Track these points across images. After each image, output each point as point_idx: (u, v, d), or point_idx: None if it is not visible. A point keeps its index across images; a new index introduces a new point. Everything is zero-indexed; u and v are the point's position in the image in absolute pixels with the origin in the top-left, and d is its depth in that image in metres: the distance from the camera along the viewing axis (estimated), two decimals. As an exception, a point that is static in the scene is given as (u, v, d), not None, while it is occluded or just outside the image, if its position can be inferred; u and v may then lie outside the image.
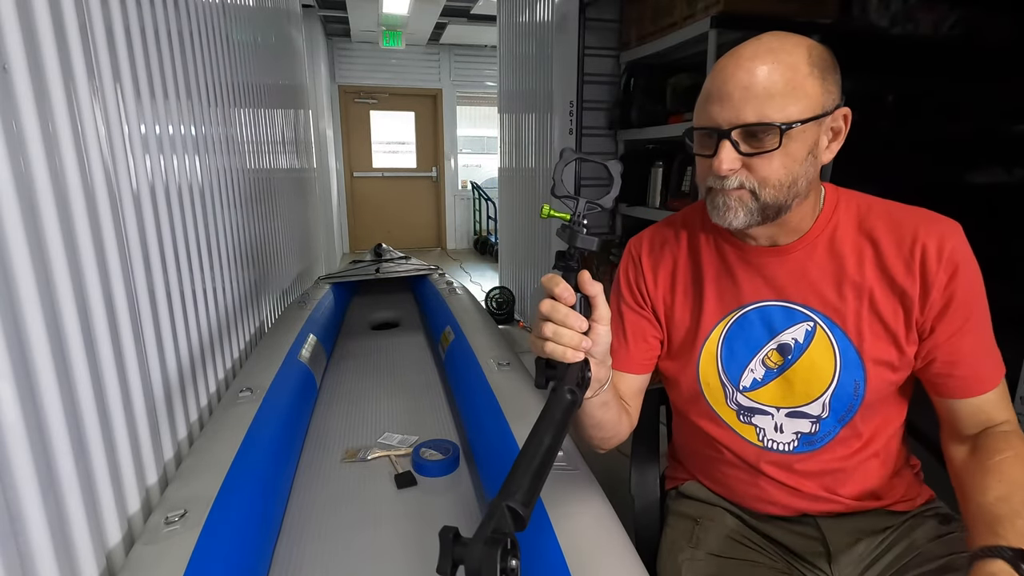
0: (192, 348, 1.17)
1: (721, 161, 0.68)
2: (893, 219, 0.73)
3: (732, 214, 0.71)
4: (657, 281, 0.86)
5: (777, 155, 0.67)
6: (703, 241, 0.83)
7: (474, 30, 5.53)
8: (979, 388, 0.73)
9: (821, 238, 0.75)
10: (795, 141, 0.67)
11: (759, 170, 0.68)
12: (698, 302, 0.83)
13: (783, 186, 0.69)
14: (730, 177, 0.69)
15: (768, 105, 0.65)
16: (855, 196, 0.77)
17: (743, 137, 0.67)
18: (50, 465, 0.67)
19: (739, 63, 0.67)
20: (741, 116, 0.66)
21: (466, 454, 1.17)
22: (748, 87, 0.65)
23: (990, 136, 2.39)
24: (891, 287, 0.72)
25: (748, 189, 0.69)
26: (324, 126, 4.85)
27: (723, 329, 0.81)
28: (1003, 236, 1.74)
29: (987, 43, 2.31)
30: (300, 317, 1.75)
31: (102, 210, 0.83)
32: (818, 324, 0.76)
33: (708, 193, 0.73)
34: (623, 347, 0.86)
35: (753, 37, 0.68)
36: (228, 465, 0.90)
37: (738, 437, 0.82)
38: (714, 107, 0.68)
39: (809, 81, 0.66)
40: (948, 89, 2.40)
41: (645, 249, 0.88)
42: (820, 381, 0.77)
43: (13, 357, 0.61)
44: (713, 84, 0.69)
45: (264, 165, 2.06)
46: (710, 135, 0.69)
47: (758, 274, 0.78)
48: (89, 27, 0.84)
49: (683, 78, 2.46)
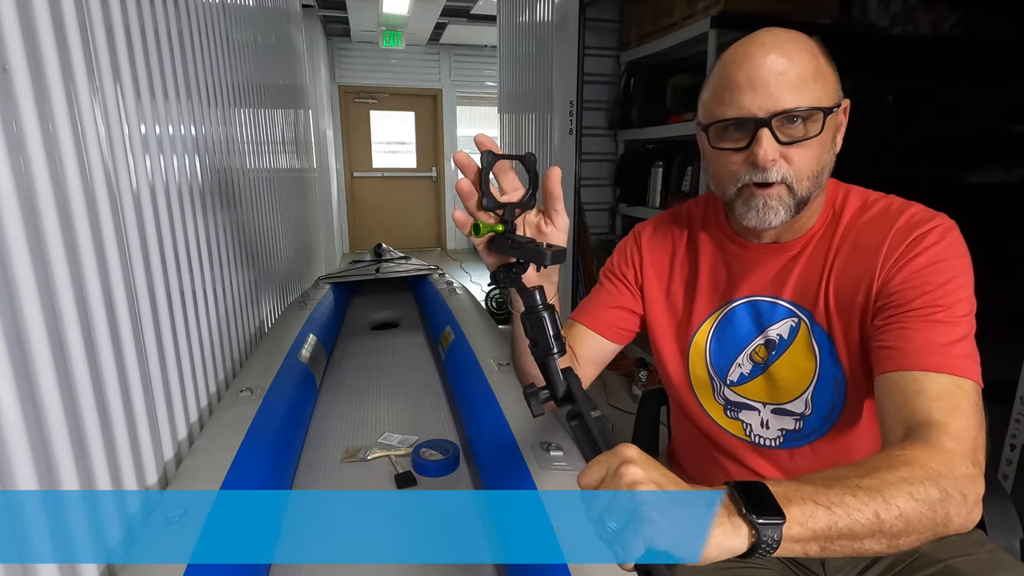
0: (192, 348, 1.17)
1: (765, 151, 0.64)
2: (885, 215, 0.72)
3: (772, 213, 0.67)
4: (654, 264, 0.86)
5: (815, 143, 0.64)
6: (702, 237, 0.83)
7: (474, 30, 5.53)
8: (915, 362, 0.61)
9: (817, 235, 0.75)
10: (827, 129, 0.65)
11: (796, 160, 0.65)
12: (691, 295, 0.83)
13: (815, 176, 0.67)
14: (772, 169, 0.65)
15: (804, 91, 0.63)
16: (857, 193, 0.76)
17: (781, 125, 0.64)
18: (50, 465, 0.67)
19: (765, 50, 0.63)
20: (780, 103, 0.63)
21: (466, 454, 1.17)
22: (783, 72, 0.62)
23: (990, 136, 2.38)
24: (869, 281, 0.70)
25: (786, 184, 0.66)
26: (324, 126, 4.85)
27: (713, 323, 0.81)
28: (1003, 236, 1.73)
29: (987, 43, 2.31)
30: (300, 317, 1.75)
31: (102, 210, 0.83)
32: (802, 321, 0.75)
33: (739, 193, 0.69)
34: (600, 307, 0.87)
35: (757, 31, 0.66)
36: (228, 465, 0.90)
37: (723, 432, 0.83)
38: (745, 96, 0.64)
39: (828, 69, 0.65)
40: (948, 89, 2.40)
41: (648, 232, 0.88)
42: (801, 379, 0.76)
43: (13, 357, 0.61)
44: (737, 73, 0.65)
45: (264, 165, 2.06)
46: (740, 126, 0.66)
47: (752, 270, 0.78)
48: (89, 27, 0.84)
49: (683, 78, 2.46)
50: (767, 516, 0.42)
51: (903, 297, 0.65)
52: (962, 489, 0.52)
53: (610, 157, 2.96)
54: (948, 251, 0.66)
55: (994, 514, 0.80)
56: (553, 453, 0.94)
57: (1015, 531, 0.79)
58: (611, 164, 2.96)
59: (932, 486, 0.51)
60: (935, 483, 0.51)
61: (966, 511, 0.53)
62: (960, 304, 0.63)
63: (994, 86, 2.31)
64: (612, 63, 2.86)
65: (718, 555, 0.41)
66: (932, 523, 0.51)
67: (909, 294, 0.65)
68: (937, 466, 0.52)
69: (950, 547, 0.75)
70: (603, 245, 3.05)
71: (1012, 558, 0.73)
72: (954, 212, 0.71)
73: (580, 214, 2.95)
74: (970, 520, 0.53)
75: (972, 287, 0.66)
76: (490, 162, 0.54)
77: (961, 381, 0.59)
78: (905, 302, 0.65)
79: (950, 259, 0.65)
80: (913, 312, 0.64)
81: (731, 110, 0.65)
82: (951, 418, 0.56)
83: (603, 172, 2.97)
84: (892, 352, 0.63)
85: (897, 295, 0.66)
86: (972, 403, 0.58)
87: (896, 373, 0.62)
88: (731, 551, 0.42)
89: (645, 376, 2.55)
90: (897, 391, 0.61)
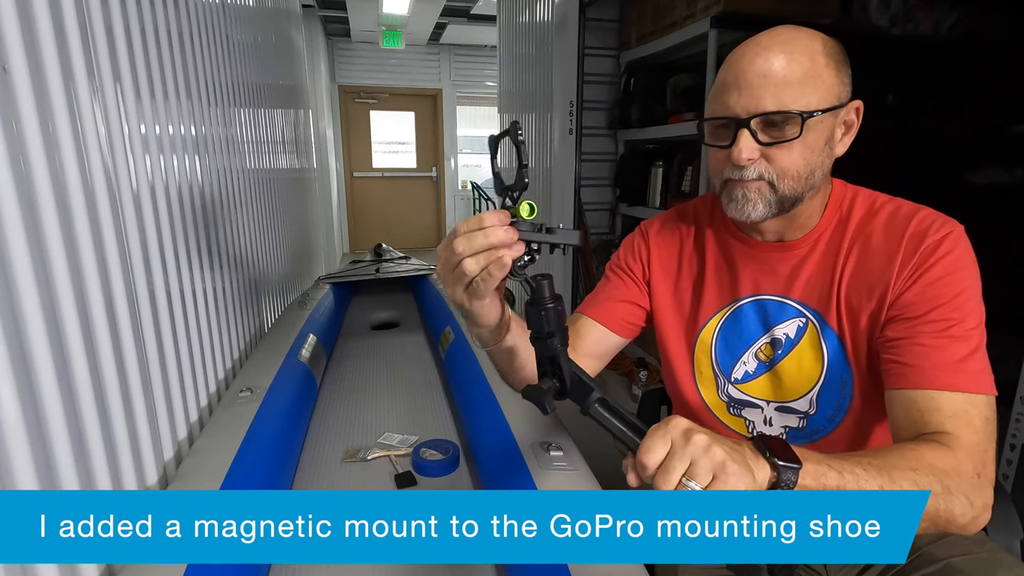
0: (192, 348, 1.17)
1: (740, 150, 0.66)
2: (895, 219, 0.72)
3: (751, 206, 0.69)
4: (662, 260, 0.86)
5: (797, 145, 0.66)
6: (709, 234, 0.83)
7: (474, 30, 5.53)
8: (931, 381, 0.63)
9: (825, 235, 0.75)
10: (814, 131, 0.66)
11: (778, 160, 0.67)
12: (698, 291, 0.83)
13: (801, 177, 0.68)
14: (748, 167, 0.67)
15: (787, 93, 0.64)
16: (865, 195, 0.76)
17: (762, 126, 0.66)
18: (50, 465, 0.67)
19: (756, 52, 0.65)
20: (760, 104, 0.64)
21: (466, 454, 1.17)
22: (767, 75, 0.64)
23: (989, 136, 2.38)
24: (884, 289, 0.71)
25: (767, 180, 0.68)
26: (324, 126, 4.85)
27: (719, 320, 0.81)
28: (1003, 236, 1.74)
29: (987, 43, 2.31)
30: (300, 317, 1.75)
31: (102, 210, 0.83)
32: (810, 321, 0.76)
33: (724, 186, 0.72)
34: (607, 300, 0.87)
35: (766, 30, 0.67)
36: (228, 465, 0.90)
37: (726, 429, 0.83)
38: (731, 96, 0.66)
39: (826, 71, 0.65)
40: (948, 89, 2.39)
41: (656, 228, 0.89)
42: (807, 378, 0.77)
43: (13, 357, 0.61)
44: (729, 73, 0.67)
45: (264, 165, 2.06)
46: (727, 125, 0.68)
47: (759, 268, 0.79)
48: (89, 27, 0.84)
49: (683, 78, 2.46)
50: (787, 461, 0.49)
51: (918, 309, 0.67)
52: (967, 492, 0.56)
53: (610, 157, 2.96)
54: (961, 261, 0.67)
55: (994, 514, 0.80)
56: (553, 453, 0.94)
57: (1015, 531, 0.79)
58: (611, 164, 2.96)
59: (936, 480, 0.55)
60: (939, 478, 0.55)
61: (972, 514, 0.56)
62: (972, 316, 0.65)
63: (994, 86, 2.31)
64: (612, 63, 2.86)
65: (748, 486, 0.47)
66: (932, 514, 0.55)
67: (923, 306, 0.66)
68: (944, 466, 0.56)
69: (950, 546, 0.75)
70: (603, 245, 3.05)
71: (1012, 557, 0.73)
72: (954, 212, 0.71)
73: (580, 214, 2.95)
74: (975, 524, 0.56)
75: (981, 295, 0.67)
76: (496, 142, 0.55)
77: (974, 397, 0.62)
78: (920, 315, 0.66)
79: (963, 269, 0.67)
80: (928, 326, 0.65)
81: (720, 109, 0.68)
82: (964, 433, 0.60)
83: (603, 172, 2.97)
84: (908, 369, 0.65)
85: (912, 307, 0.67)
86: (984, 418, 0.62)
87: (912, 391, 0.64)
88: (756, 486, 0.48)
89: (645, 376, 2.55)
90: (912, 408, 0.64)
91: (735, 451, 0.47)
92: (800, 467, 0.49)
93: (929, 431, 0.61)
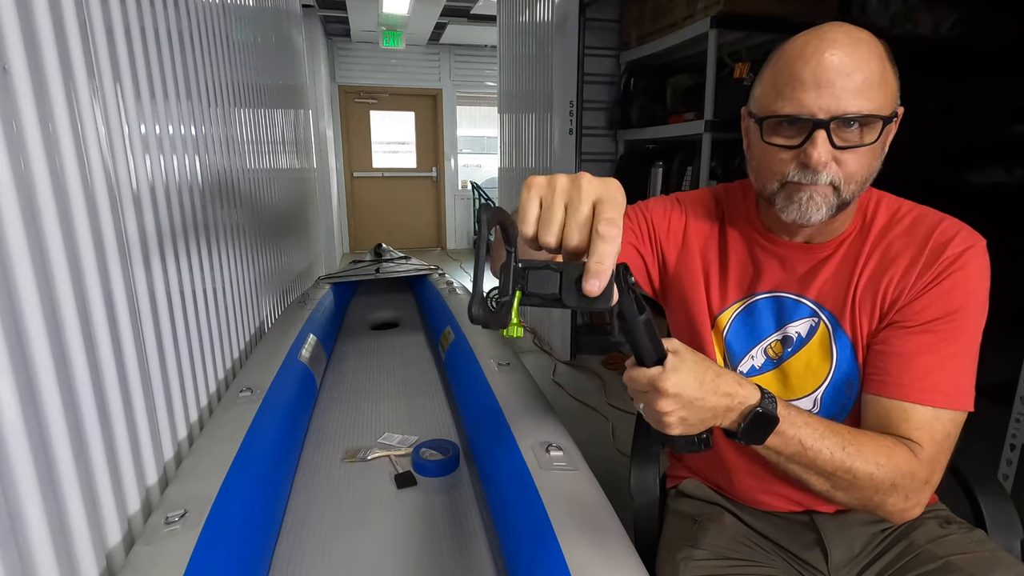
0: (192, 348, 1.17)
1: (819, 154, 0.63)
2: (918, 228, 0.72)
3: (815, 209, 0.67)
4: (699, 230, 0.84)
5: (867, 150, 0.64)
6: (732, 230, 0.83)
7: (474, 30, 5.53)
8: (907, 394, 0.67)
9: (848, 239, 0.75)
10: (883, 136, 0.65)
11: (847, 165, 0.64)
12: (718, 281, 0.82)
13: (863, 182, 0.67)
14: (821, 173, 0.64)
15: (867, 96, 0.62)
16: (889, 200, 0.76)
17: (837, 129, 0.63)
18: (50, 465, 0.67)
19: (833, 49, 0.62)
20: (842, 106, 0.61)
21: (466, 454, 1.17)
22: (849, 75, 0.61)
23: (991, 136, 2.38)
24: (897, 295, 0.71)
25: (833, 185, 0.65)
26: (324, 126, 4.85)
27: (735, 311, 0.81)
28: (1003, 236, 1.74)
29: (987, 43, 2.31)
30: (300, 317, 1.75)
31: (102, 210, 0.83)
32: (823, 322, 0.76)
33: (782, 188, 0.68)
34: None
35: (822, 24, 0.65)
36: (228, 465, 0.90)
37: None
38: (808, 94, 0.62)
39: (891, 74, 0.64)
40: (948, 89, 2.39)
41: (692, 200, 0.87)
42: (814, 378, 0.77)
43: (13, 357, 0.61)
44: (803, 69, 0.63)
45: (264, 165, 2.06)
46: (796, 124, 0.65)
47: (780, 266, 0.78)
48: (89, 27, 0.84)
49: (683, 78, 2.46)
50: (770, 398, 0.59)
51: (917, 319, 0.69)
52: (909, 492, 0.64)
53: (610, 157, 2.97)
54: (972, 278, 0.68)
55: (994, 514, 0.81)
56: (553, 453, 0.94)
57: (1015, 531, 0.80)
58: (611, 164, 2.97)
59: (891, 477, 0.62)
60: (894, 475, 0.63)
61: (902, 507, 0.65)
62: (965, 334, 0.68)
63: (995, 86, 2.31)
64: (612, 63, 2.86)
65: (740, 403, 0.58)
66: (869, 499, 0.64)
67: (923, 317, 0.68)
68: (907, 468, 0.63)
69: (950, 545, 0.75)
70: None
71: (1012, 557, 0.73)
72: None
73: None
74: (901, 517, 0.66)
75: (984, 313, 0.69)
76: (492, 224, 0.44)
77: (940, 413, 0.66)
78: (917, 325, 0.69)
79: (971, 287, 0.68)
80: (921, 337, 0.68)
81: (790, 106, 0.64)
82: (927, 444, 0.66)
83: (603, 172, 2.97)
84: (889, 379, 0.69)
85: (914, 316, 0.69)
86: (946, 433, 0.67)
87: (888, 400, 0.69)
88: (747, 399, 0.58)
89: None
90: (886, 416, 0.69)
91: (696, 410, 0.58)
92: (776, 405, 0.59)
93: (897, 435, 0.67)
